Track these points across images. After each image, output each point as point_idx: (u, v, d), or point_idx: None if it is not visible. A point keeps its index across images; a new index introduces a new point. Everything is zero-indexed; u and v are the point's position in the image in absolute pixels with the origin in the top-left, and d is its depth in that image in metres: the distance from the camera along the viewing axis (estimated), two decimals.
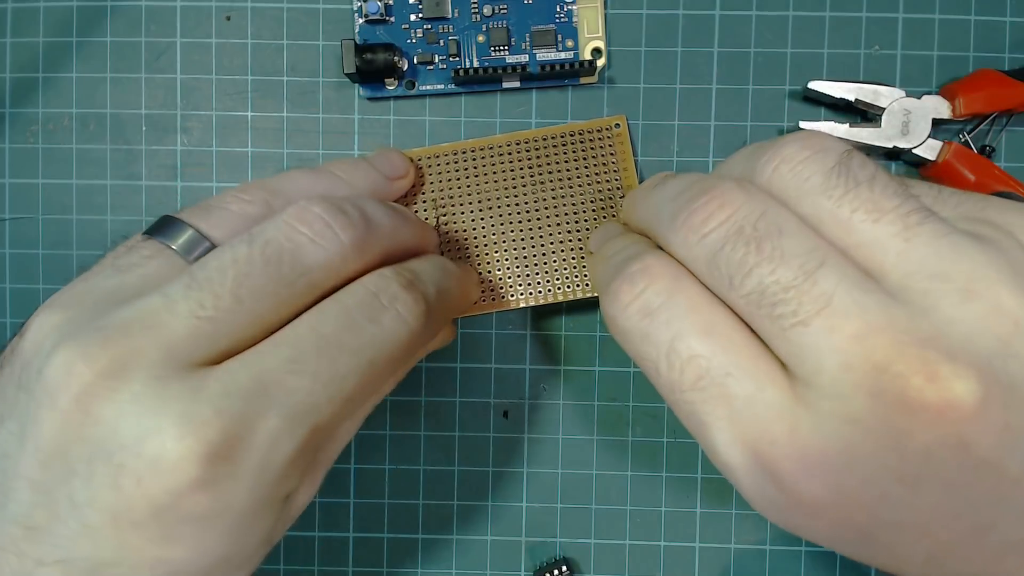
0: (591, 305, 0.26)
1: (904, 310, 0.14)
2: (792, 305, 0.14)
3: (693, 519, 0.26)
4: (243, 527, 0.16)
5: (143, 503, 0.15)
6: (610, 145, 0.24)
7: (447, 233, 0.25)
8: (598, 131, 0.24)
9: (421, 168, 0.25)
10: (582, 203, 0.24)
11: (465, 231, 0.25)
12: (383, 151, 0.24)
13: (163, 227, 0.18)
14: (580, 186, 0.24)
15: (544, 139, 0.24)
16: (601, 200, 0.24)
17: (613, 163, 0.24)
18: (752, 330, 0.15)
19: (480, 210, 0.25)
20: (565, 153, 0.24)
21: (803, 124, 0.24)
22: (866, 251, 0.15)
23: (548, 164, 0.24)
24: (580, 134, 0.24)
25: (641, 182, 0.24)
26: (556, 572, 0.25)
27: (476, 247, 0.25)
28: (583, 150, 0.24)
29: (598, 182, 0.24)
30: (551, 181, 0.24)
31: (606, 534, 0.26)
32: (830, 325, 0.14)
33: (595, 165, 0.24)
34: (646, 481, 0.26)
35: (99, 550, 0.15)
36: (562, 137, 0.24)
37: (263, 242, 0.17)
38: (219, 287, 0.16)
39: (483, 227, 0.25)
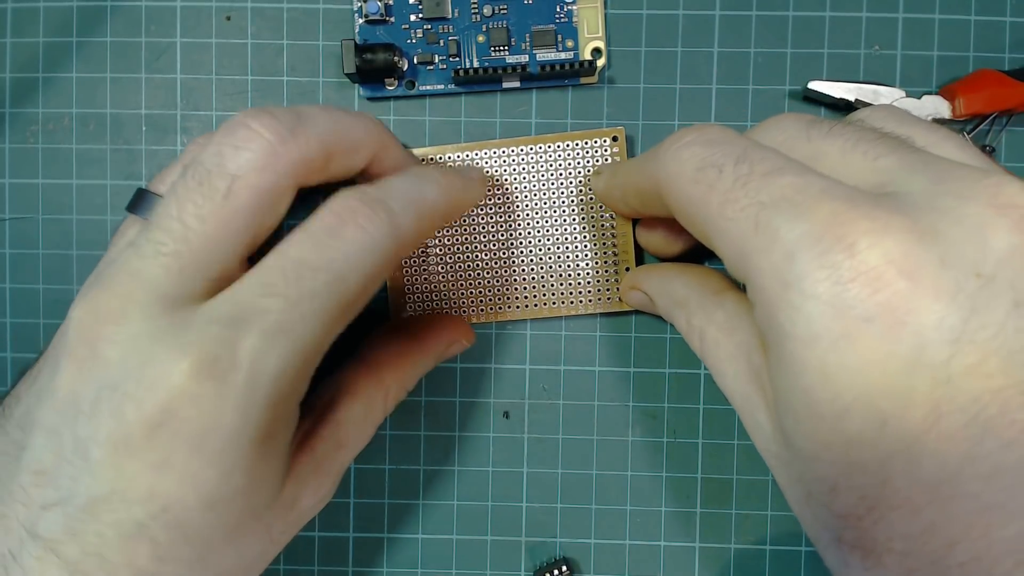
0: None
1: None
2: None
3: (693, 519, 0.26)
4: (236, 461, 0.17)
5: (140, 427, 0.16)
6: (606, 158, 0.24)
7: (442, 242, 0.25)
8: (595, 142, 0.24)
9: None
10: (578, 214, 0.24)
11: (456, 238, 0.25)
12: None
13: (138, 201, 0.20)
14: (574, 196, 0.24)
15: (541, 147, 0.24)
16: (596, 213, 0.24)
17: None
18: None
19: (474, 217, 0.25)
20: (562, 162, 0.24)
21: None
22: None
23: (544, 173, 0.24)
24: (577, 144, 0.24)
25: None
26: (556, 572, 0.25)
27: (468, 255, 0.25)
28: (580, 160, 0.24)
29: (590, 194, 0.24)
30: (547, 190, 0.24)
31: (606, 534, 0.26)
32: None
33: (590, 176, 0.24)
34: (646, 481, 0.26)
35: (97, 484, 0.16)
36: (559, 146, 0.24)
37: (193, 166, 0.17)
38: (167, 220, 0.17)
39: (476, 235, 0.25)
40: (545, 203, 0.24)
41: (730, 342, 0.19)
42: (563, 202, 0.24)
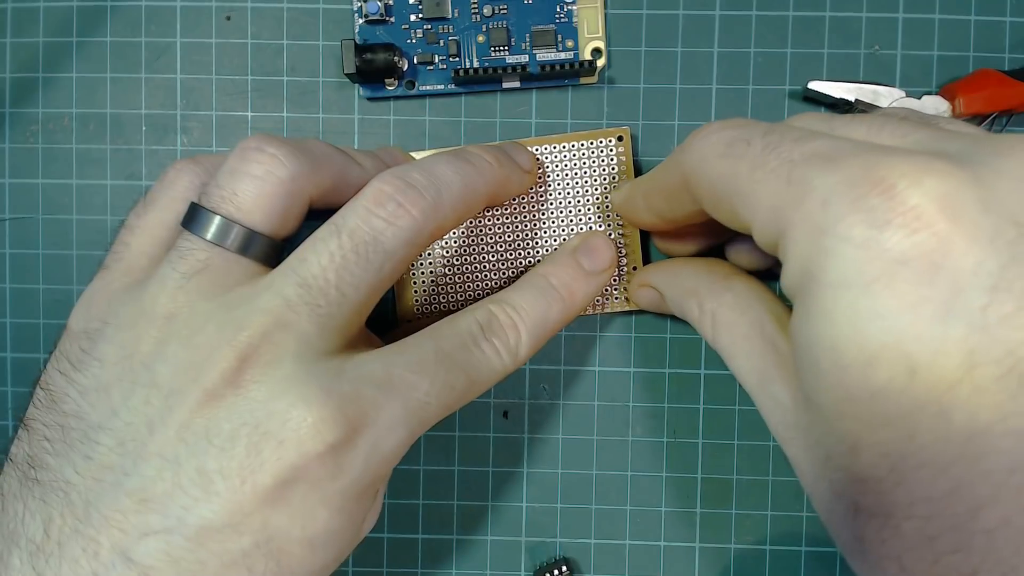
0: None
1: None
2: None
3: (693, 519, 0.26)
4: (343, 506, 0.18)
5: (274, 465, 0.17)
6: (611, 158, 0.24)
7: (448, 244, 0.25)
8: (600, 142, 0.24)
9: None
10: (581, 215, 0.24)
11: (463, 240, 0.25)
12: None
13: (192, 217, 0.19)
14: (580, 197, 0.24)
15: (546, 147, 0.24)
16: (603, 213, 0.24)
17: (614, 176, 0.24)
18: None
19: (480, 218, 0.24)
20: (565, 163, 0.24)
21: None
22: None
23: (550, 173, 0.24)
24: (582, 144, 0.24)
25: None
26: (556, 572, 0.25)
27: (474, 256, 0.25)
28: (585, 160, 0.24)
29: (596, 195, 0.24)
30: (550, 191, 0.24)
31: (606, 534, 0.26)
32: None
33: (595, 177, 0.24)
34: (646, 481, 0.26)
35: (214, 515, 0.17)
36: (564, 147, 0.24)
37: (349, 232, 0.18)
38: (325, 285, 0.18)
39: (482, 236, 0.25)
40: (551, 203, 0.24)
41: (743, 320, 0.19)
42: (569, 202, 0.24)
